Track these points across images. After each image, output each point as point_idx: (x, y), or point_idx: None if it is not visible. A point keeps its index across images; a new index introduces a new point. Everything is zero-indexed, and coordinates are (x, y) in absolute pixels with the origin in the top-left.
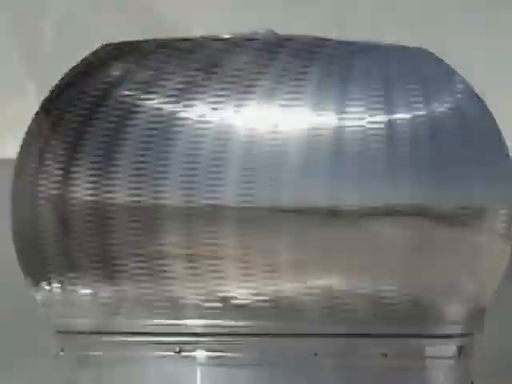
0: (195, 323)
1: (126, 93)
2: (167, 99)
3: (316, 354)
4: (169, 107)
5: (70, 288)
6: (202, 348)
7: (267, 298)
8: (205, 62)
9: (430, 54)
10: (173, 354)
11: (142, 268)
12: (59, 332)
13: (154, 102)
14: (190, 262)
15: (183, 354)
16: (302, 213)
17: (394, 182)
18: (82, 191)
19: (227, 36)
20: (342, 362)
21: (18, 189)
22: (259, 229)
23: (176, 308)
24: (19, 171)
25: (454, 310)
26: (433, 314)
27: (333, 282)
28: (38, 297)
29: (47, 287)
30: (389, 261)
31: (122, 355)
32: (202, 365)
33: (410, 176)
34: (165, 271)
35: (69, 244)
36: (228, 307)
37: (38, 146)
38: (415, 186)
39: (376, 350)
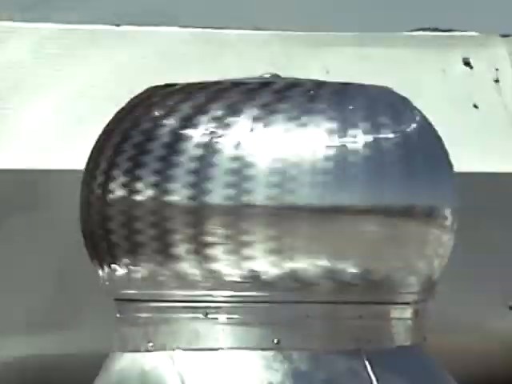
0: (218, 294)
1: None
2: (203, 130)
3: (308, 316)
4: (204, 135)
5: (125, 268)
6: (223, 312)
7: (274, 274)
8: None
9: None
10: (201, 316)
11: (185, 251)
12: (116, 299)
13: (193, 131)
14: (225, 246)
15: (209, 316)
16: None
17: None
18: (141, 194)
19: (244, 80)
20: (328, 323)
21: (87, 192)
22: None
23: (204, 282)
24: (89, 179)
25: (413, 284)
26: (397, 286)
27: (329, 262)
28: (102, 274)
29: (107, 267)
30: (368, 248)
31: (163, 317)
32: (223, 324)
33: (390, 183)
34: (205, 254)
35: (125, 235)
36: (243, 282)
37: (105, 161)
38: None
39: (354, 313)
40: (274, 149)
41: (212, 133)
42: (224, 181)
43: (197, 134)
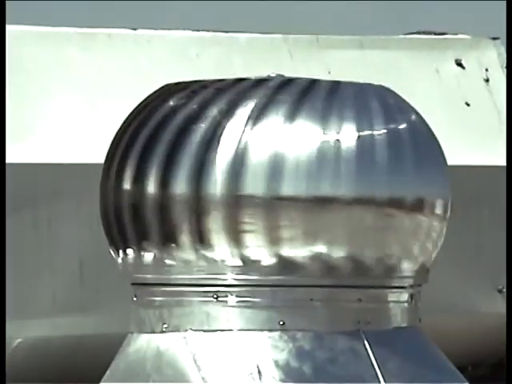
0: (227, 278)
1: (179, 118)
2: (208, 123)
3: (311, 299)
4: (207, 130)
5: (139, 254)
6: (232, 295)
7: (279, 259)
8: (234, 95)
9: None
10: (212, 299)
11: (194, 240)
12: (133, 284)
13: (199, 126)
14: (228, 234)
15: (219, 299)
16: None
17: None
18: (149, 186)
19: (250, 77)
20: (329, 305)
21: (104, 184)
22: (278, 212)
23: (214, 267)
24: (106, 171)
25: (408, 269)
26: (394, 271)
27: (330, 250)
28: (119, 260)
29: (124, 254)
30: (366, 236)
31: (176, 300)
32: (232, 307)
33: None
34: (206, 241)
35: (138, 224)
36: (250, 266)
37: (119, 155)
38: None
39: (354, 296)
40: (263, 143)
41: (215, 128)
42: (225, 173)
43: (200, 129)
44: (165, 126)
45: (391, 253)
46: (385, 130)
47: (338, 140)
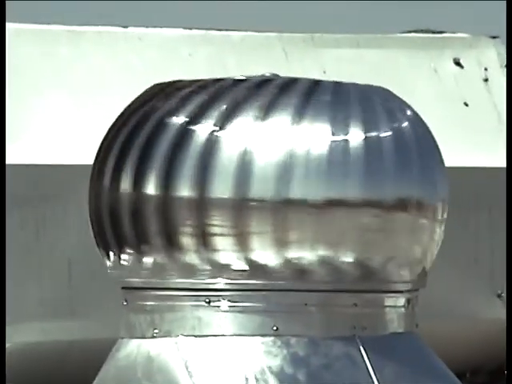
0: (220, 282)
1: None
2: (179, 125)
3: (306, 304)
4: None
5: (131, 257)
6: (225, 300)
7: (272, 263)
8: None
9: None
10: (204, 304)
11: (188, 242)
12: (123, 288)
13: (179, 123)
14: (226, 237)
15: (211, 304)
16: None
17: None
18: (148, 188)
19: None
20: (324, 310)
21: (96, 185)
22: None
23: (207, 271)
24: (98, 172)
25: (405, 273)
26: (390, 275)
27: (326, 253)
28: (108, 263)
29: (115, 257)
30: (363, 239)
31: (168, 305)
32: (225, 312)
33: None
34: (207, 244)
35: (132, 226)
36: (243, 271)
37: (114, 155)
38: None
39: (350, 301)
40: (272, 144)
41: (185, 129)
42: (228, 176)
43: (171, 130)
44: (141, 126)
45: (391, 257)
46: (387, 133)
47: (310, 140)
